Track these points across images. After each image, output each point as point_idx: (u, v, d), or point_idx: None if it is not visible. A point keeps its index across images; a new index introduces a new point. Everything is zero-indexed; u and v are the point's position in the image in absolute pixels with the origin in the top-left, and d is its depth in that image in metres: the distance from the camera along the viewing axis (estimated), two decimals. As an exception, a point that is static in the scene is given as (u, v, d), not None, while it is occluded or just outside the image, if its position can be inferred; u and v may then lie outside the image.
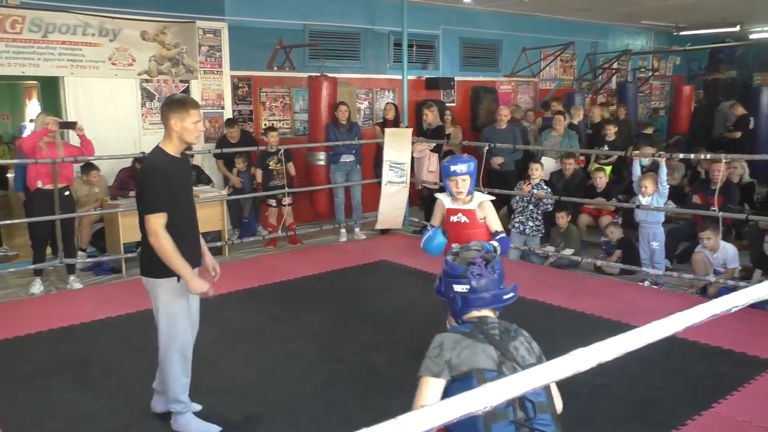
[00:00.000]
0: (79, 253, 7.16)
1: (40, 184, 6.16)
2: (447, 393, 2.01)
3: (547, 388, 2.09)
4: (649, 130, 11.91)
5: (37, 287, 6.32)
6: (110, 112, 7.78)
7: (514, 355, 2.07)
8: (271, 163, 7.84)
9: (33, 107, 10.23)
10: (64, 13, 7.28)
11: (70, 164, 6.47)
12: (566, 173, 7.91)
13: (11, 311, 5.76)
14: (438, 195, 4.27)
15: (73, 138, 6.98)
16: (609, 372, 1.90)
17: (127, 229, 6.93)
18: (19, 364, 4.51)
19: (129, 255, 6.94)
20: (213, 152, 7.84)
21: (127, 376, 4.31)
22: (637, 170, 6.37)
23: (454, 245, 2.66)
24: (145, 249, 3.43)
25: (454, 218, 4.04)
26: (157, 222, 3.23)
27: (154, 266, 3.36)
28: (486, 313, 2.28)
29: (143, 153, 7.09)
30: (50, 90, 8.35)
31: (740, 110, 10.96)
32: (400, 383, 4.03)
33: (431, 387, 2.00)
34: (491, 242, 3.78)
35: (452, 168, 3.95)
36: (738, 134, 10.83)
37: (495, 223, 4.02)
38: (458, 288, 2.29)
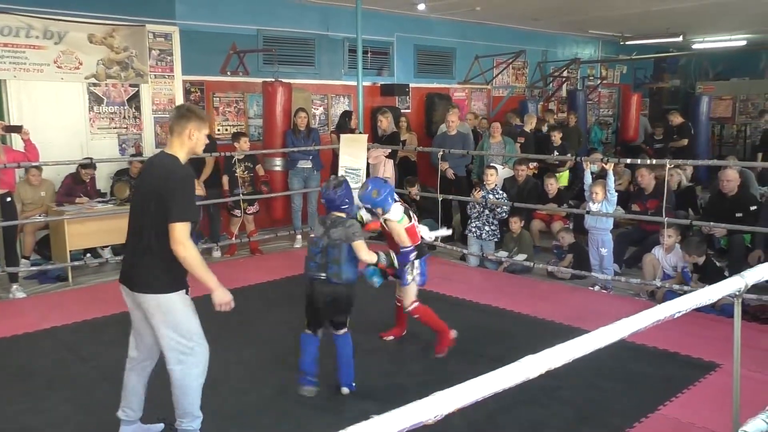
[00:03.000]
0: (23, 261, 6.92)
1: None
2: None
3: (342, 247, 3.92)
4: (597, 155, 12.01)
5: None
6: (56, 117, 7.56)
7: (330, 233, 3.94)
8: (238, 170, 7.73)
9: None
10: (6, 14, 7.05)
11: (12, 170, 6.25)
12: (519, 179, 8.03)
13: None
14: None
15: (17, 143, 6.77)
16: (559, 375, 1.94)
17: (74, 237, 6.76)
18: (-43, 378, 4.33)
19: (76, 263, 6.74)
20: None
21: (73, 387, 4.18)
22: (588, 178, 6.52)
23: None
24: (147, 262, 3.17)
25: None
26: (185, 231, 3.07)
27: (162, 280, 3.15)
28: (336, 213, 4.04)
29: (90, 159, 6.97)
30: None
31: (679, 119, 11.36)
32: (354, 390, 4.02)
33: None
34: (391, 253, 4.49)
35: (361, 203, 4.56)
36: (685, 142, 11.18)
37: (398, 239, 4.48)
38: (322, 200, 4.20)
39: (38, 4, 7.25)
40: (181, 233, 3.05)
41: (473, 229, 7.31)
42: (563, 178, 8.46)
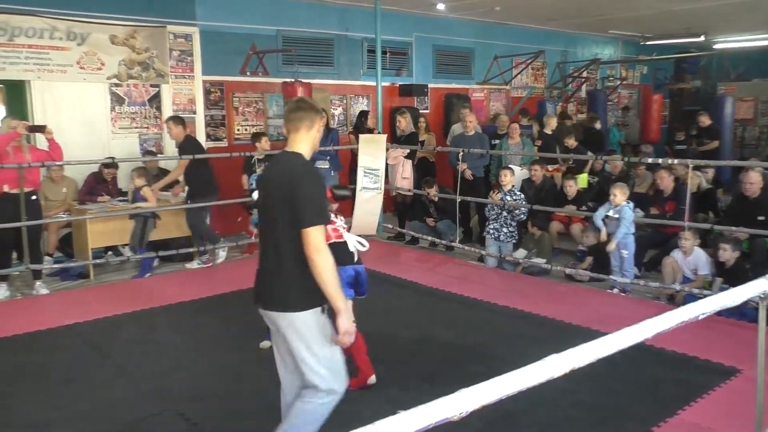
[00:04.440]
0: (46, 258, 7.04)
1: (6, 188, 6.03)
2: None
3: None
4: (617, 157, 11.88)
5: (2, 292, 6.18)
6: (78, 117, 7.66)
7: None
8: (258, 170, 7.77)
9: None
10: (31, 16, 7.16)
11: (37, 169, 6.34)
12: (535, 180, 7.99)
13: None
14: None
15: (41, 142, 6.86)
16: (576, 378, 1.92)
17: (95, 235, 6.84)
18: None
19: (97, 261, 6.83)
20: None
21: (90, 384, 4.23)
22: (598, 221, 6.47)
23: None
24: (281, 273, 2.83)
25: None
26: (321, 236, 2.73)
27: (294, 295, 2.80)
28: None
29: (112, 158, 7.04)
30: (16, 94, 8.18)
31: (708, 120, 11.11)
32: (374, 391, 4.03)
33: None
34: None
35: None
36: (716, 144, 10.95)
37: None
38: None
39: (62, 6, 7.36)
40: (317, 238, 2.72)
41: (491, 231, 7.29)
42: (582, 180, 8.39)
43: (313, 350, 2.81)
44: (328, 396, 2.85)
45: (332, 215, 3.93)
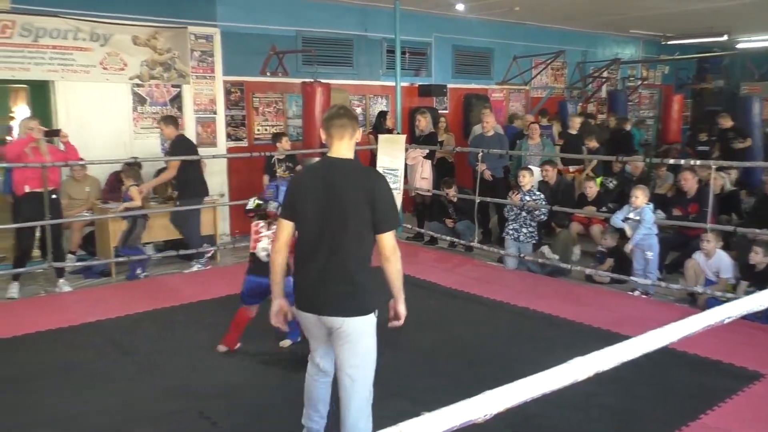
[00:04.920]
0: (69, 256, 7.13)
1: (27, 188, 6.11)
2: None
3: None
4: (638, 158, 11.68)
5: (15, 291, 6.22)
6: (101, 117, 7.75)
7: None
8: (278, 170, 7.82)
9: (21, 111, 10.15)
10: (55, 18, 7.26)
11: (57, 168, 6.42)
12: (548, 181, 7.93)
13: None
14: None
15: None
16: (598, 380, 1.91)
17: (117, 234, 6.90)
18: (3, 368, 4.48)
19: (119, 259, 6.90)
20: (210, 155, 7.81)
21: (113, 380, 4.28)
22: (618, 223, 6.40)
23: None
24: (351, 277, 2.87)
25: None
26: (395, 239, 2.92)
27: (368, 298, 2.92)
28: None
29: (135, 158, 7.12)
30: (40, 94, 8.30)
31: (729, 121, 10.93)
32: (411, 387, 4.03)
33: None
34: None
35: None
36: (749, 141, 10.68)
37: None
38: None
39: (86, 7, 7.46)
40: (394, 241, 2.88)
41: (511, 231, 7.26)
42: (597, 183, 8.35)
43: (374, 350, 2.97)
44: (371, 394, 3.00)
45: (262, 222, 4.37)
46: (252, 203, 4.43)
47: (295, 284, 3.01)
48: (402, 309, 3.01)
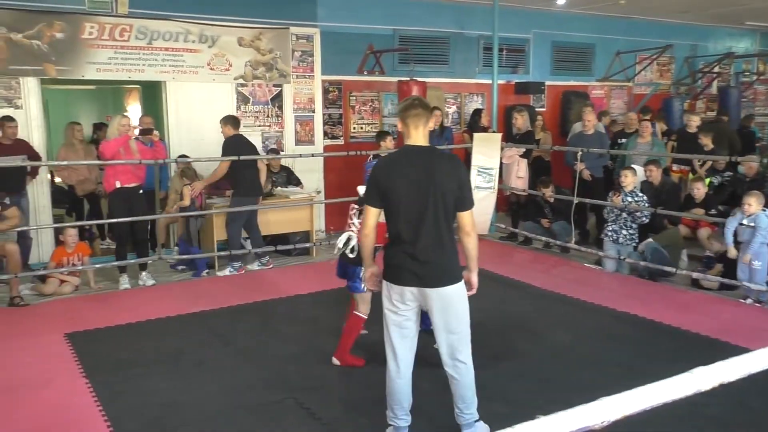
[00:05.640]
0: (175, 248, 7.51)
1: (118, 184, 6.37)
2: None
3: None
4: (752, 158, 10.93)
5: (125, 283, 6.55)
6: (207, 115, 8.07)
7: None
8: None
9: (134, 110, 10.79)
10: (168, 21, 7.66)
11: (144, 166, 6.61)
12: (652, 181, 7.55)
13: (110, 301, 6.12)
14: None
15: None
16: (707, 391, 1.82)
17: (220, 228, 7.19)
18: (117, 353, 4.77)
19: (222, 253, 7.19)
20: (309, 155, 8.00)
21: (217, 369, 4.47)
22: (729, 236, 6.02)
23: None
24: (448, 253, 3.19)
25: None
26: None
27: (458, 268, 3.24)
28: None
29: (238, 156, 7.38)
30: (151, 93, 8.81)
31: None
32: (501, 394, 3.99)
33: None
34: None
35: None
36: None
37: None
38: None
39: (195, 10, 7.83)
40: (473, 218, 3.22)
41: (609, 233, 7.00)
42: (707, 181, 7.88)
43: (468, 309, 3.30)
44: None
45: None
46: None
47: (392, 262, 3.24)
48: (475, 279, 3.29)
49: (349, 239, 4.19)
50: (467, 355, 3.29)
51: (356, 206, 4.30)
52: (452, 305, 3.20)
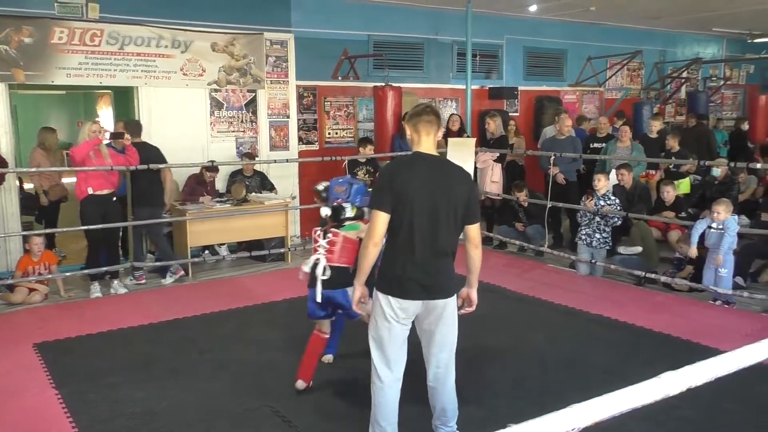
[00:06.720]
0: (148, 255, 7.42)
1: (90, 190, 6.27)
2: None
3: None
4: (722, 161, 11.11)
5: (96, 291, 6.44)
6: (180, 121, 8.02)
7: None
8: (360, 173, 7.93)
9: (106, 115, 10.66)
10: (140, 26, 7.58)
11: (117, 172, 6.48)
12: (624, 185, 7.66)
13: (81, 310, 6.02)
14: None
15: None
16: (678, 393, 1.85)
17: (194, 234, 7.13)
18: (89, 362, 4.69)
19: (195, 259, 7.13)
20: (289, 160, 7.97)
21: (192, 377, 4.43)
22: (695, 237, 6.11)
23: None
24: (449, 265, 3.15)
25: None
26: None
27: (455, 280, 3.18)
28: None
29: (212, 162, 7.35)
30: (123, 99, 8.68)
31: None
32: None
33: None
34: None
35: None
36: None
37: None
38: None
39: (168, 15, 7.74)
40: (480, 232, 3.21)
41: (583, 237, 7.08)
42: (684, 185, 7.99)
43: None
44: None
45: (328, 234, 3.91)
46: (322, 186, 4.23)
47: (395, 274, 3.06)
48: (476, 296, 3.27)
49: (317, 263, 3.85)
50: (453, 369, 3.27)
51: (319, 228, 3.98)
52: (452, 316, 3.18)
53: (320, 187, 4.25)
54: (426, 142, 3.13)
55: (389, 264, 3.10)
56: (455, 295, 3.18)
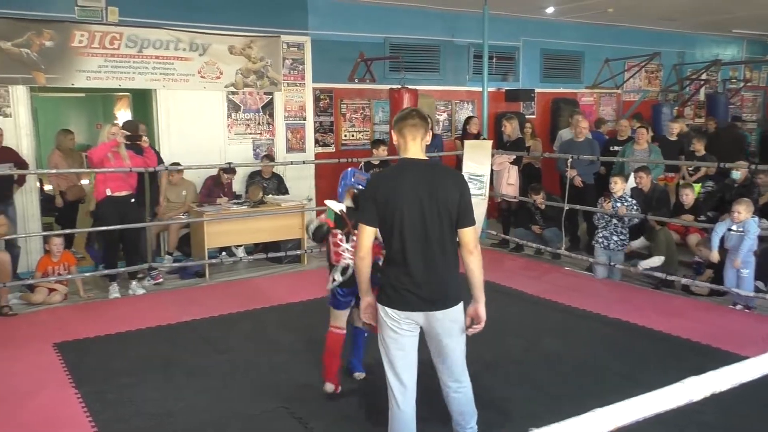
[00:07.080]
0: (166, 257, 7.48)
1: (108, 192, 6.31)
2: None
3: None
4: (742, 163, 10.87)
5: (114, 292, 6.49)
6: (198, 123, 8.08)
7: None
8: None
9: (125, 117, 10.74)
10: (158, 29, 7.65)
11: (135, 174, 6.53)
12: (642, 188, 7.58)
13: (100, 310, 6.08)
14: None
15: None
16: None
17: (212, 236, 7.17)
18: (107, 362, 4.74)
19: (212, 261, 7.16)
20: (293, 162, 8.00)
21: (209, 378, 4.44)
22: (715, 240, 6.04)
23: None
24: (452, 273, 3.01)
25: None
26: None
27: (458, 288, 3.04)
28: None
29: (229, 163, 7.40)
30: (142, 101, 8.77)
31: None
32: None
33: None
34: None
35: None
36: None
37: None
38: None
39: (186, 19, 7.81)
40: (476, 237, 3.02)
41: (600, 240, 7.03)
42: (695, 191, 7.90)
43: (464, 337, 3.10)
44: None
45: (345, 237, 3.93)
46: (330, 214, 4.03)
47: (391, 286, 2.99)
48: (484, 312, 3.03)
49: (346, 268, 3.88)
50: (466, 373, 3.16)
51: (339, 232, 3.94)
52: (457, 326, 3.03)
53: (312, 226, 4.19)
54: (413, 147, 3.01)
55: (386, 276, 3.04)
56: (461, 302, 3.03)
